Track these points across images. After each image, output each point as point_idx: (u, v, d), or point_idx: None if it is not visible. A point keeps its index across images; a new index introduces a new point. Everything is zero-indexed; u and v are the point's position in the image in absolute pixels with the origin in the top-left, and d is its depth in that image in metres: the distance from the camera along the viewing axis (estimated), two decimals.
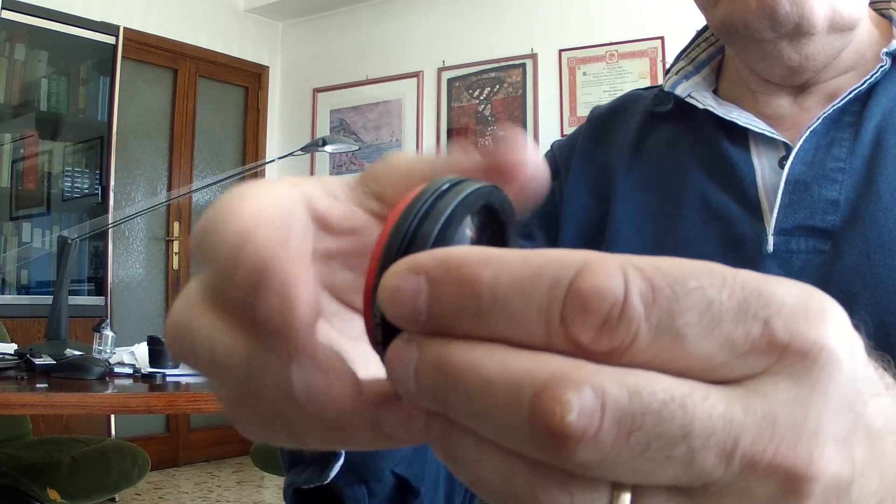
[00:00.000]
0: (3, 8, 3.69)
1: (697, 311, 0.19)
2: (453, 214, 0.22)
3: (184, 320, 0.25)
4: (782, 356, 0.19)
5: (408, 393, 0.21)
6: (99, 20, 4.07)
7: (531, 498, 0.20)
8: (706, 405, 0.19)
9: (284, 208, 0.24)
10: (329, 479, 0.45)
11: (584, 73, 4.23)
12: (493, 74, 4.51)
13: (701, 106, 0.65)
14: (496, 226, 0.25)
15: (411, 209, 0.22)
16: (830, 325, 0.20)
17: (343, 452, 0.45)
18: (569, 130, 4.22)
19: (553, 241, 0.68)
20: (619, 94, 0.78)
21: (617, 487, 0.19)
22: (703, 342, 0.19)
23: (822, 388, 0.19)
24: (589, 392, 0.18)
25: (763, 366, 0.19)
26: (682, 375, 0.19)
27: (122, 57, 4.13)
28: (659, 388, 0.18)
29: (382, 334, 0.22)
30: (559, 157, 0.73)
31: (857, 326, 0.21)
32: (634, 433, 0.18)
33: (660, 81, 0.73)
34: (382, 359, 0.22)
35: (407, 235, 0.22)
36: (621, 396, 0.18)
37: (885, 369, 0.22)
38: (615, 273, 0.19)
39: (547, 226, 0.69)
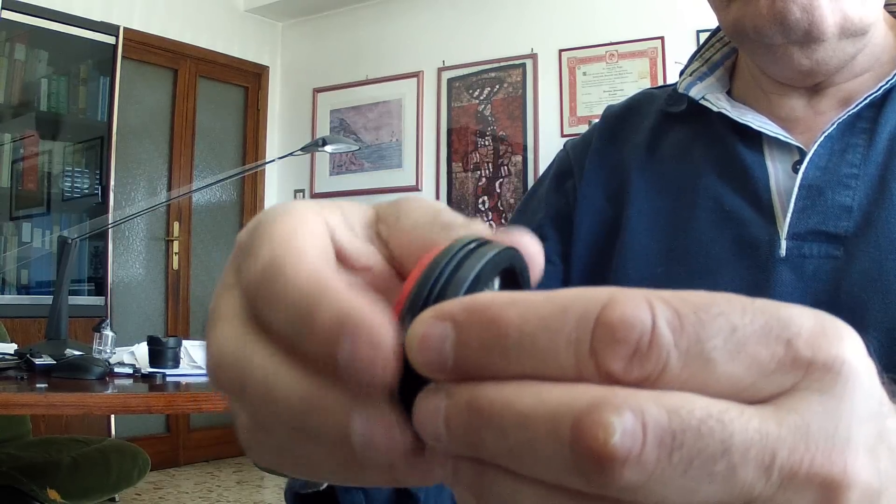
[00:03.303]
0: (3, 8, 3.69)
1: (723, 336, 0.19)
2: (481, 273, 0.23)
3: (235, 352, 0.24)
4: (808, 372, 0.20)
5: (438, 441, 0.21)
6: (99, 20, 4.07)
7: None
8: (742, 420, 0.19)
9: (326, 247, 0.25)
10: (326, 485, 0.45)
11: (584, 73, 4.23)
12: (493, 74, 4.50)
13: (715, 109, 0.65)
14: (515, 289, 0.25)
15: (437, 265, 0.23)
16: (848, 342, 0.20)
17: None
18: (569, 130, 4.22)
19: (566, 242, 0.69)
20: (619, 93, 0.78)
21: None
22: (730, 365, 0.20)
23: (848, 399, 0.20)
24: (629, 414, 0.18)
25: (790, 382, 0.20)
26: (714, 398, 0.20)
27: (122, 57, 4.13)
28: (696, 406, 0.19)
29: (404, 390, 0.22)
30: (573, 156, 0.73)
31: (867, 345, 0.21)
32: (676, 452, 0.18)
33: (660, 81, 0.73)
34: (407, 413, 0.22)
35: (434, 290, 0.22)
36: (661, 416, 0.18)
37: (892, 393, 0.23)
38: (641, 303, 0.19)
39: (561, 226, 0.69)
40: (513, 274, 0.25)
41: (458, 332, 0.21)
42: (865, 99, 0.59)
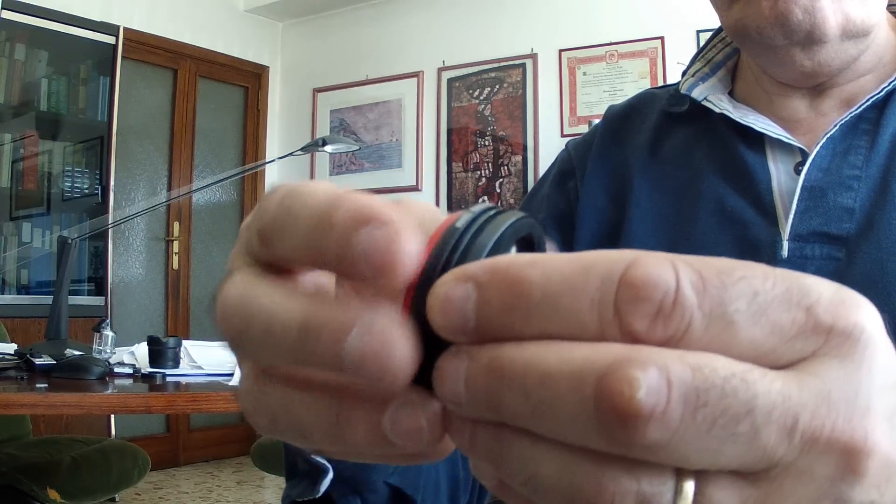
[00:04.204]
0: (3, 8, 3.69)
1: (746, 300, 0.20)
2: (502, 238, 0.23)
3: (241, 291, 0.24)
4: (828, 338, 0.20)
5: (458, 404, 0.21)
6: (99, 20, 4.07)
7: (596, 490, 0.20)
8: (765, 382, 0.19)
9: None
10: (321, 493, 0.45)
11: (584, 73, 4.23)
12: (493, 74, 4.50)
13: (717, 110, 0.65)
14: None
15: (457, 231, 0.22)
16: (865, 311, 0.21)
17: (331, 467, 0.45)
18: (569, 130, 4.22)
19: (568, 242, 0.69)
20: (620, 93, 0.78)
21: (681, 474, 0.19)
22: (753, 329, 0.20)
23: (867, 367, 0.20)
24: (654, 370, 0.18)
25: (811, 348, 0.20)
26: None
27: (122, 57, 4.13)
28: (719, 365, 0.19)
29: (424, 356, 0.22)
30: (575, 157, 0.73)
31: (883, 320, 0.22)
32: (700, 410, 0.18)
33: (660, 81, 0.73)
34: (425, 380, 0.22)
35: (455, 255, 0.22)
36: (685, 373, 0.18)
37: None
38: (665, 264, 0.19)
39: (562, 226, 0.69)
40: (530, 243, 0.25)
41: (480, 293, 0.20)
42: (868, 100, 0.59)
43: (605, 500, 0.19)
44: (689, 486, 0.19)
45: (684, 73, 0.70)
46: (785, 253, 0.58)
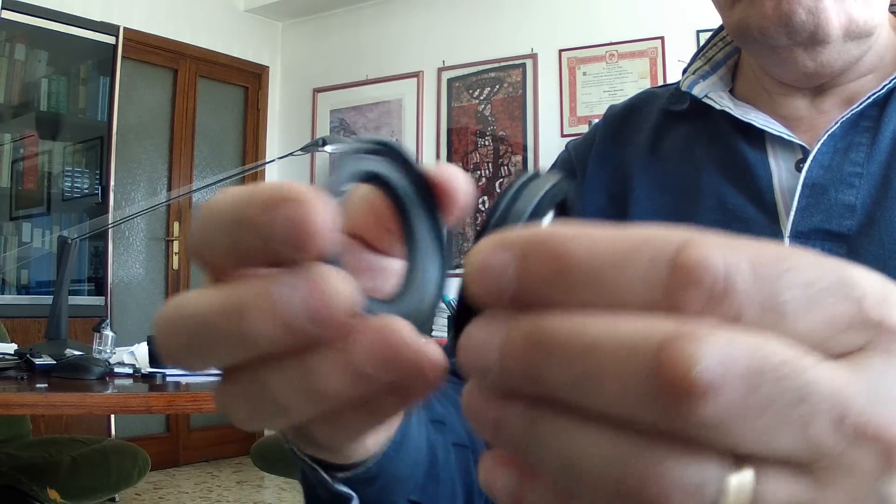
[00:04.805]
0: (3, 8, 3.69)
1: (798, 289, 0.19)
2: (540, 205, 0.22)
3: (174, 306, 0.24)
4: (877, 334, 0.20)
5: (487, 374, 0.20)
6: (99, 20, 4.07)
7: (644, 475, 0.19)
8: (818, 371, 0.19)
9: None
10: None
11: (584, 73, 4.23)
12: (493, 74, 4.50)
13: (718, 107, 0.65)
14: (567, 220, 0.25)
15: (500, 196, 0.22)
16: None
17: (354, 495, 0.44)
18: (569, 130, 4.22)
19: None
20: (619, 93, 0.78)
21: (738, 463, 0.19)
22: (804, 318, 0.19)
23: None
24: (714, 346, 0.18)
25: (860, 342, 0.20)
26: None
27: (122, 57, 4.13)
28: (775, 349, 0.18)
29: (456, 321, 0.22)
30: (575, 157, 0.73)
31: None
32: (755, 392, 0.18)
33: (660, 81, 0.73)
34: (452, 346, 0.21)
35: (491, 222, 0.22)
36: (743, 353, 0.18)
37: None
38: (719, 248, 0.19)
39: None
40: (564, 207, 0.24)
41: (521, 263, 0.20)
42: (869, 98, 0.59)
43: (655, 486, 0.19)
44: (748, 476, 0.19)
45: (685, 71, 0.70)
46: None
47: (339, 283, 0.22)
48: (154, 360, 2.08)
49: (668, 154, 0.68)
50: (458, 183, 0.28)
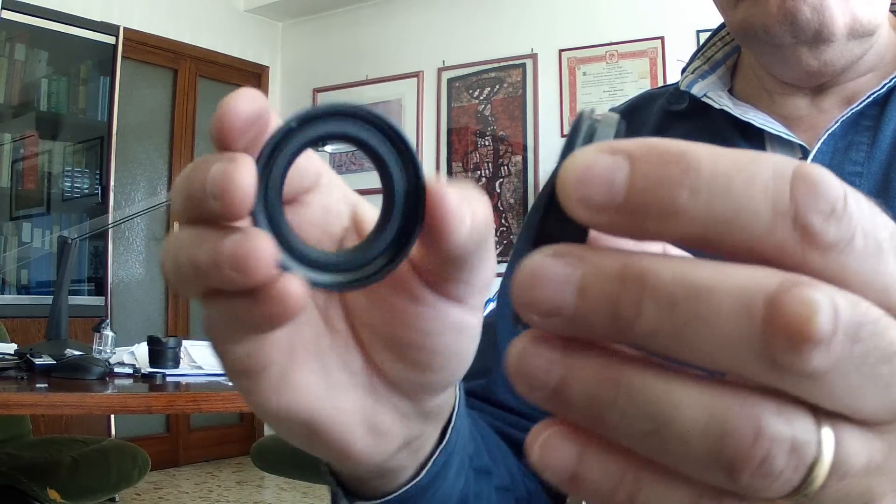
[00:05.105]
0: (3, 8, 3.69)
1: (889, 232, 0.19)
2: (618, 133, 0.21)
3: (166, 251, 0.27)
4: None
5: (558, 314, 0.19)
6: (99, 20, 4.07)
7: (751, 435, 0.18)
8: None
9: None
10: None
11: (584, 73, 4.23)
12: (493, 74, 4.50)
13: (717, 106, 0.65)
14: None
15: (572, 132, 0.21)
16: None
17: None
18: (569, 130, 4.22)
19: None
20: (619, 93, 0.78)
21: (822, 421, 0.18)
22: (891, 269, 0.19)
23: None
24: (827, 295, 0.17)
25: None
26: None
27: (122, 57, 4.13)
28: (868, 304, 0.18)
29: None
30: None
31: None
32: (857, 344, 0.17)
33: (660, 81, 0.73)
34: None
35: (577, 136, 0.20)
36: (848, 305, 0.18)
37: None
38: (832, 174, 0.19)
39: None
40: None
41: (636, 166, 0.18)
42: (869, 96, 0.59)
43: (760, 446, 0.18)
44: (829, 435, 0.18)
45: (684, 71, 0.70)
46: None
47: (252, 241, 0.24)
48: (154, 360, 2.08)
49: None
50: (451, 205, 0.26)
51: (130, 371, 2.09)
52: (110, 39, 4.09)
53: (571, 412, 0.19)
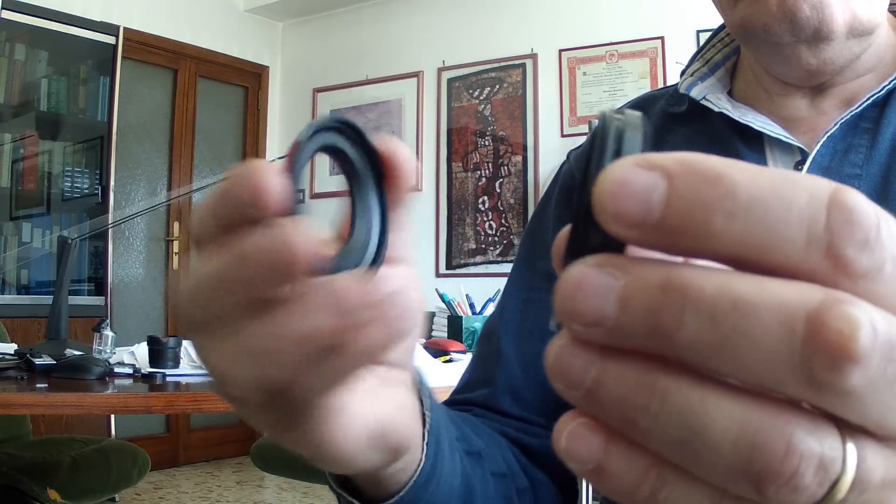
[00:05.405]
0: (3, 8, 3.69)
1: None
2: (645, 136, 0.21)
3: (187, 277, 0.27)
4: None
5: (599, 323, 0.19)
6: (99, 20, 4.07)
7: (782, 449, 0.18)
8: None
9: None
10: None
11: (584, 73, 4.23)
12: (493, 74, 4.50)
13: (716, 109, 0.64)
14: None
15: (601, 131, 0.21)
16: None
17: None
18: (569, 130, 4.22)
19: None
20: (620, 93, 0.78)
21: (846, 434, 0.19)
22: None
23: None
24: (866, 313, 0.17)
25: None
26: None
27: (122, 57, 4.13)
28: None
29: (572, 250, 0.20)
30: (576, 167, 0.73)
31: None
32: (892, 363, 0.18)
33: (660, 81, 0.73)
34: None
35: (605, 154, 0.20)
36: (885, 324, 0.18)
37: None
38: (865, 198, 0.19)
39: None
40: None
41: (673, 184, 0.18)
42: (868, 98, 0.58)
43: (790, 462, 0.18)
44: (852, 451, 0.19)
45: (683, 73, 0.70)
46: None
47: (294, 231, 0.24)
48: (154, 360, 2.08)
49: None
50: (401, 156, 0.29)
51: (130, 371, 2.08)
52: (110, 39, 4.09)
53: (604, 413, 0.19)
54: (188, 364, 2.13)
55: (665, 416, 0.19)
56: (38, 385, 1.81)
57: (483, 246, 4.45)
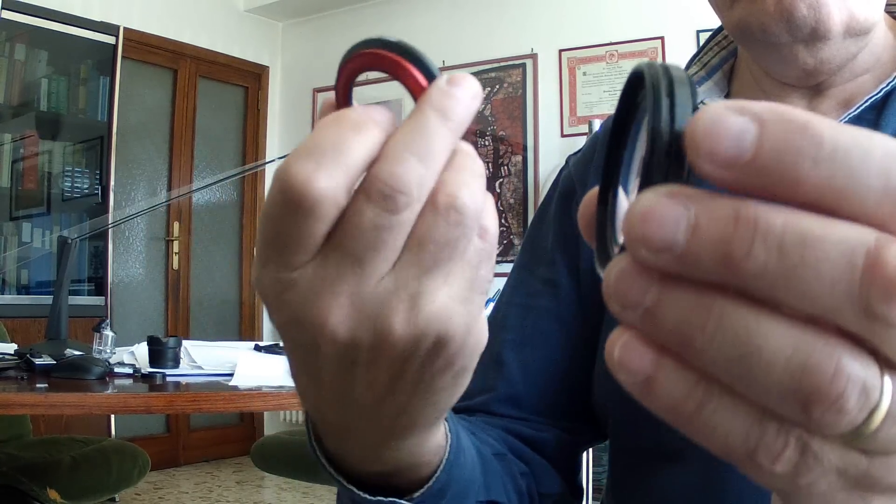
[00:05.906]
0: (3, 8, 3.69)
1: None
2: (693, 90, 0.22)
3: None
4: None
5: (667, 249, 0.20)
6: (99, 20, 4.07)
7: (831, 372, 0.19)
8: None
9: None
10: None
11: (584, 73, 4.23)
12: (493, 74, 4.50)
13: None
14: None
15: (652, 85, 0.22)
16: None
17: None
18: (569, 130, 4.22)
19: (573, 262, 0.69)
20: (619, 94, 0.78)
21: (884, 369, 0.20)
22: None
23: None
24: None
25: None
26: None
27: (122, 57, 4.13)
28: None
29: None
30: (575, 173, 0.73)
31: None
32: None
33: None
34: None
35: (661, 95, 0.21)
36: None
37: None
38: None
39: (568, 247, 0.69)
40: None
41: (764, 129, 0.19)
42: (866, 101, 0.59)
43: (838, 384, 0.19)
44: (889, 384, 0.20)
45: None
46: None
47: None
48: (154, 360, 2.08)
49: None
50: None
51: (130, 371, 2.08)
52: (110, 39, 4.09)
53: (660, 332, 0.20)
54: (188, 364, 2.13)
55: (721, 335, 0.20)
56: (38, 385, 1.81)
57: None
